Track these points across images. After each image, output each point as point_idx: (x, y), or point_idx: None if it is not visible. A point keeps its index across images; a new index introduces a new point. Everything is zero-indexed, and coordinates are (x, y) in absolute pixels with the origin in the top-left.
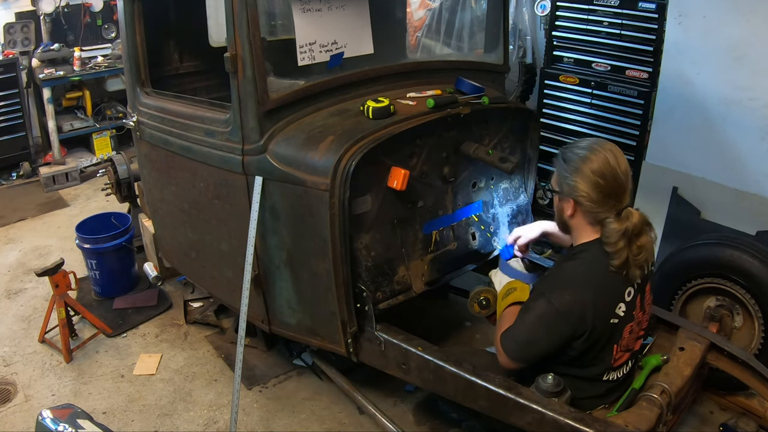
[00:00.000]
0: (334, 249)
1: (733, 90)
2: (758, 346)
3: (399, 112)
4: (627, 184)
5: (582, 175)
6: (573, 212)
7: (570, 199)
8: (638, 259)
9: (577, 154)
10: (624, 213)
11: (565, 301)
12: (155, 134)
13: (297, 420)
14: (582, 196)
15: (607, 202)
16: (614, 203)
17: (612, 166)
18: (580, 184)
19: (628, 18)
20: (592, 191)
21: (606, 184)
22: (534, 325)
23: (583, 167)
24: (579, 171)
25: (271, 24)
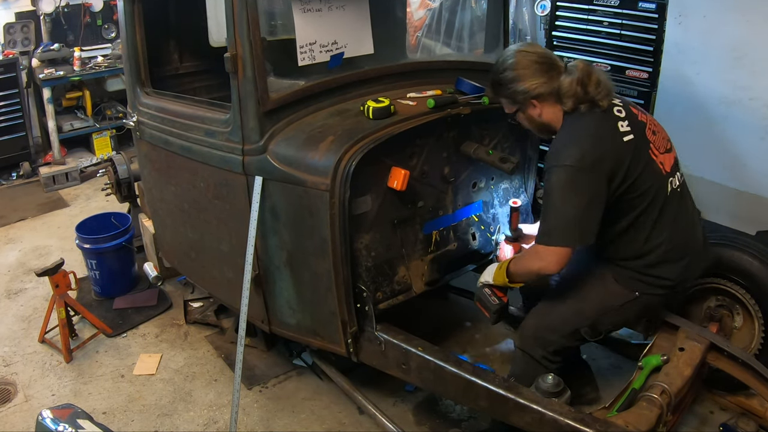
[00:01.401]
0: (335, 249)
1: (733, 90)
2: (758, 346)
3: (399, 112)
4: (550, 52)
5: (521, 77)
6: (540, 109)
7: (530, 101)
8: (600, 91)
9: (503, 68)
10: (567, 68)
11: (575, 154)
12: (155, 134)
13: (297, 420)
14: (534, 89)
15: (551, 75)
16: (553, 68)
17: (530, 50)
18: (525, 83)
19: (628, 18)
20: (537, 78)
21: (540, 64)
22: (566, 197)
23: (517, 72)
24: (517, 77)
25: (271, 24)
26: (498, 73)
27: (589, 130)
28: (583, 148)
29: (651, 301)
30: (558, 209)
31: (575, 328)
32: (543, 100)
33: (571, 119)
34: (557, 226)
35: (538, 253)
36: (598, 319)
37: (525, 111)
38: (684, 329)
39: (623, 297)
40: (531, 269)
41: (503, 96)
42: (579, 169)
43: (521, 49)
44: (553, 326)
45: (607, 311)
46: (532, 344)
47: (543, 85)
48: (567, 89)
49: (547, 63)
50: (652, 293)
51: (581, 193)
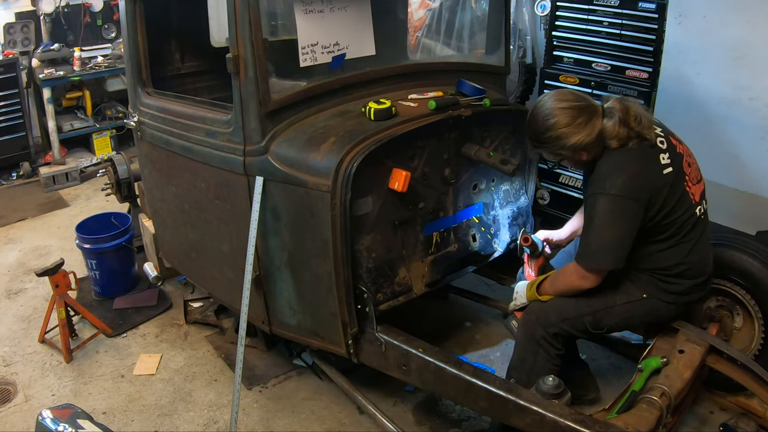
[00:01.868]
0: (335, 250)
1: (733, 90)
2: (758, 347)
3: (400, 114)
4: (582, 94)
5: (566, 135)
6: (587, 155)
7: (579, 153)
8: (643, 125)
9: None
10: (605, 111)
11: (619, 183)
12: (156, 134)
13: (297, 420)
14: (581, 142)
15: (590, 121)
16: (593, 115)
17: (567, 104)
18: (571, 139)
19: (628, 18)
20: (580, 130)
21: (579, 116)
22: (609, 222)
23: (561, 132)
24: (562, 135)
25: (273, 24)
26: (541, 132)
27: (633, 161)
28: (627, 177)
29: (657, 306)
30: (600, 235)
31: (579, 314)
32: (590, 148)
33: (613, 154)
34: (598, 250)
35: (579, 272)
36: (602, 311)
37: (571, 159)
38: (684, 331)
39: (631, 295)
40: (572, 287)
41: (549, 152)
42: (621, 197)
43: (559, 106)
44: (557, 308)
45: (613, 306)
46: (534, 323)
47: (588, 137)
48: (611, 132)
49: (586, 112)
50: (659, 298)
51: (622, 221)
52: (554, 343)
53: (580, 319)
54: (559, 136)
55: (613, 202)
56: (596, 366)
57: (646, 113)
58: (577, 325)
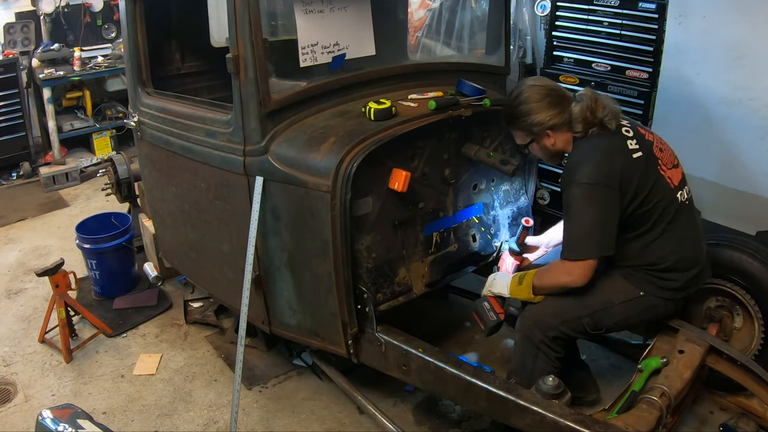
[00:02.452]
0: (335, 250)
1: (733, 90)
2: (758, 347)
3: (401, 114)
4: (558, 85)
5: (535, 110)
6: (554, 139)
7: (545, 132)
8: (607, 114)
9: (517, 102)
10: (576, 97)
11: (588, 171)
12: (156, 134)
13: (297, 420)
14: (548, 120)
15: (563, 106)
16: (563, 99)
17: (541, 84)
18: (539, 115)
19: (628, 18)
20: (550, 110)
21: (549, 96)
22: (585, 210)
23: (530, 106)
24: (531, 110)
25: (273, 24)
26: (512, 107)
27: (600, 148)
28: (596, 164)
29: (655, 303)
30: (577, 224)
31: (577, 316)
32: (557, 130)
33: (583, 141)
34: (580, 239)
35: (565, 268)
36: (600, 311)
37: (540, 141)
38: (683, 332)
39: (628, 294)
40: (558, 284)
41: (518, 128)
42: (593, 185)
43: (532, 84)
44: (555, 311)
45: (611, 306)
46: (532, 327)
47: (556, 116)
48: (577, 115)
49: (557, 95)
50: (656, 295)
51: (597, 206)
52: (553, 346)
53: (579, 321)
54: (529, 111)
55: (585, 189)
56: (596, 366)
57: (615, 106)
58: (576, 326)
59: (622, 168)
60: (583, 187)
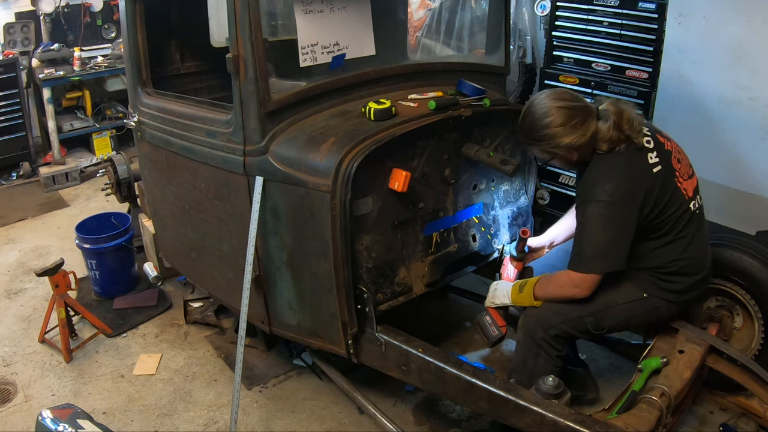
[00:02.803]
0: (335, 250)
1: (733, 90)
2: (758, 347)
3: (400, 114)
4: (578, 95)
5: (560, 135)
6: (577, 155)
7: (570, 153)
8: (634, 128)
9: (540, 126)
10: (600, 113)
11: (608, 189)
12: (156, 134)
13: (297, 420)
14: (574, 143)
15: (585, 122)
16: (589, 117)
17: (563, 103)
18: (565, 139)
19: (628, 18)
20: (574, 131)
21: (575, 117)
22: (600, 228)
23: (555, 130)
24: (557, 134)
25: (273, 24)
26: (534, 130)
27: (622, 166)
28: (616, 184)
29: (658, 305)
30: (593, 240)
31: (579, 315)
32: (582, 149)
33: (605, 156)
34: (593, 255)
35: (572, 280)
36: (602, 311)
37: (561, 158)
38: (683, 332)
39: (631, 295)
40: (563, 295)
41: (540, 150)
42: (612, 203)
43: (555, 105)
44: (558, 310)
45: (614, 306)
46: (534, 325)
47: (581, 137)
48: (604, 135)
49: (582, 113)
50: (660, 297)
51: (615, 224)
52: (555, 344)
53: (581, 320)
54: (554, 135)
55: (603, 208)
56: (596, 366)
57: (638, 116)
58: (578, 326)
59: (642, 185)
60: (601, 204)
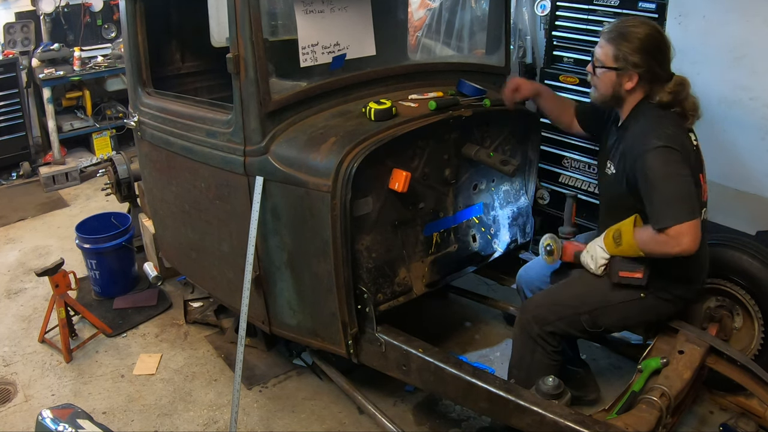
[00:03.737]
0: (335, 250)
1: (733, 90)
2: (758, 347)
3: (401, 114)
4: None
5: (644, 50)
6: (634, 85)
7: (632, 73)
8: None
9: (633, 30)
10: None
11: (665, 135)
12: (156, 134)
13: (297, 420)
14: (646, 68)
15: (663, 69)
16: (668, 70)
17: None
18: (642, 57)
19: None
20: (654, 62)
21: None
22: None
23: (644, 42)
24: (641, 46)
25: (273, 24)
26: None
27: (673, 124)
28: (672, 132)
29: (655, 305)
30: (668, 187)
31: (575, 312)
32: (640, 81)
33: (653, 111)
34: (676, 201)
35: (672, 237)
36: (598, 310)
37: (620, 76)
38: (683, 332)
39: (628, 295)
40: (666, 253)
41: (613, 45)
42: (672, 149)
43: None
44: (553, 306)
45: (610, 305)
46: (530, 320)
47: (650, 72)
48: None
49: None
50: (658, 296)
51: (679, 170)
52: (550, 340)
53: (577, 318)
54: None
55: (665, 153)
56: (596, 366)
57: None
58: (574, 323)
59: (689, 151)
60: (661, 150)
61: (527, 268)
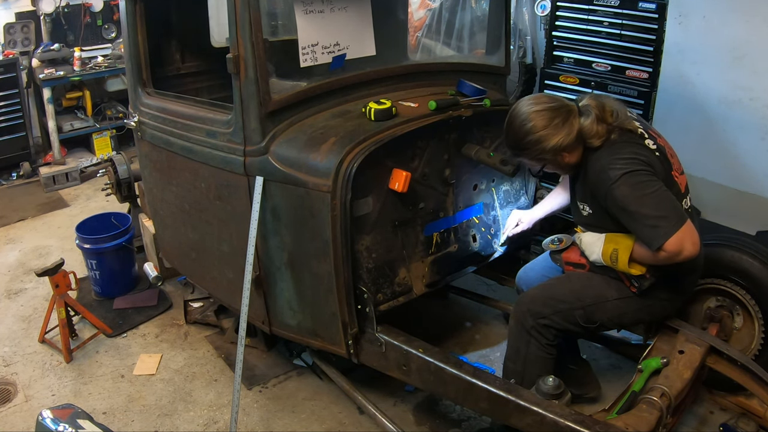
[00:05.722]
0: (336, 250)
1: (733, 90)
2: (758, 347)
3: (401, 114)
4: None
5: (546, 137)
6: (569, 157)
7: (560, 154)
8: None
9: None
10: (581, 109)
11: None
12: (156, 134)
13: (297, 420)
14: (561, 143)
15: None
16: (569, 115)
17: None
18: (551, 141)
19: (628, 18)
20: (558, 131)
21: (556, 117)
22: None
23: (539, 134)
24: (541, 138)
25: (273, 25)
26: (519, 139)
27: (624, 147)
28: (627, 157)
29: (649, 303)
30: (645, 210)
31: (570, 307)
32: (571, 149)
33: (598, 150)
34: (661, 219)
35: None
36: (593, 305)
37: (554, 163)
38: (683, 332)
39: (622, 291)
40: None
41: (530, 158)
42: (632, 172)
43: (533, 110)
44: (549, 300)
45: (604, 301)
46: (525, 313)
47: (567, 137)
48: (589, 131)
49: (562, 112)
50: (653, 294)
51: (650, 184)
52: (545, 333)
53: (571, 313)
54: (538, 139)
55: (627, 179)
56: (596, 366)
57: (622, 107)
58: (568, 318)
59: (649, 160)
60: (623, 178)
61: (527, 269)
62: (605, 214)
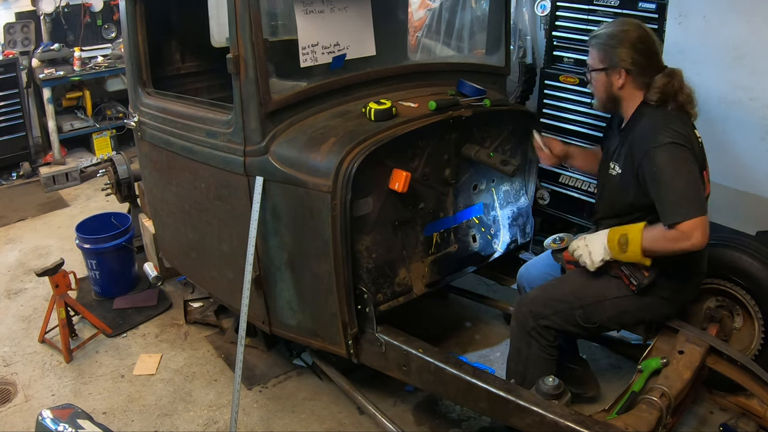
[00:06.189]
0: (336, 250)
1: (733, 90)
2: (758, 347)
3: (401, 114)
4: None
5: (626, 45)
6: (624, 82)
7: (620, 70)
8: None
9: (614, 30)
10: (668, 70)
11: (671, 133)
12: (156, 134)
13: (297, 420)
14: (630, 62)
15: (650, 64)
16: (656, 63)
17: (646, 33)
18: (625, 52)
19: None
20: (638, 55)
21: (645, 48)
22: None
23: (625, 38)
24: (622, 42)
25: (273, 25)
26: (609, 29)
27: (676, 120)
28: (677, 129)
29: (650, 302)
30: (675, 183)
31: (569, 307)
32: (630, 77)
33: (656, 111)
34: (686, 197)
35: (683, 233)
36: (593, 305)
37: (609, 75)
38: (683, 332)
39: (622, 291)
40: (676, 249)
41: (597, 50)
42: (679, 145)
43: (643, 27)
44: (549, 301)
45: (604, 300)
46: (526, 314)
47: (639, 65)
48: (658, 84)
49: (655, 54)
50: (652, 293)
51: (687, 166)
52: (545, 335)
53: (571, 313)
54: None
55: (672, 149)
56: (596, 366)
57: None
58: (569, 318)
59: (694, 145)
60: (669, 147)
61: (528, 266)
62: (632, 180)
